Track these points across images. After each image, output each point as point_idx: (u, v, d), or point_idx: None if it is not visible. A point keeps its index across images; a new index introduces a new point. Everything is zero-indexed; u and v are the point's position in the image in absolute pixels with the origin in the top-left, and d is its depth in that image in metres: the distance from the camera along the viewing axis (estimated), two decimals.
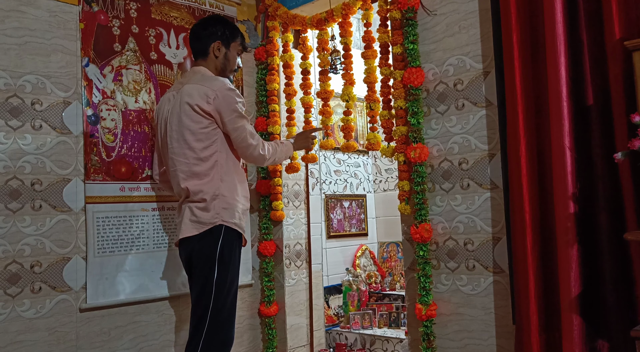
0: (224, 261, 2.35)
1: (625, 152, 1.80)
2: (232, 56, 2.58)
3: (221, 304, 2.34)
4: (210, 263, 2.34)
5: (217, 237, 2.35)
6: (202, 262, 2.36)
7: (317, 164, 3.63)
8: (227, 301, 2.37)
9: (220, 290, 2.34)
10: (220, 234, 2.36)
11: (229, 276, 2.37)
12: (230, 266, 2.38)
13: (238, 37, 2.60)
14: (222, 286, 2.34)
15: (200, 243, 2.36)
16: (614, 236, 1.99)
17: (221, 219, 2.36)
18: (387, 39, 2.76)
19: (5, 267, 2.34)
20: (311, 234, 3.52)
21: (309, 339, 3.46)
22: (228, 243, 2.38)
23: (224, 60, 2.56)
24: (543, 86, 2.16)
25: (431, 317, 2.53)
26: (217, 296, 2.33)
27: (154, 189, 2.82)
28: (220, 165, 2.41)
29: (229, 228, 2.38)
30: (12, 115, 2.41)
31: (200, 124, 2.38)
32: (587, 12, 2.09)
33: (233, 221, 2.39)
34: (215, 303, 2.32)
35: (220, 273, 2.34)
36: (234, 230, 2.40)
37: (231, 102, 2.40)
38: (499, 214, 2.40)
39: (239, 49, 2.61)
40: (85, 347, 2.54)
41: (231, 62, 2.59)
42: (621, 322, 1.97)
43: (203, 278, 2.35)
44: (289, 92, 3.28)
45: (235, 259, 2.43)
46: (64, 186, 2.53)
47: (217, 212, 2.36)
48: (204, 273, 2.35)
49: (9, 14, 2.43)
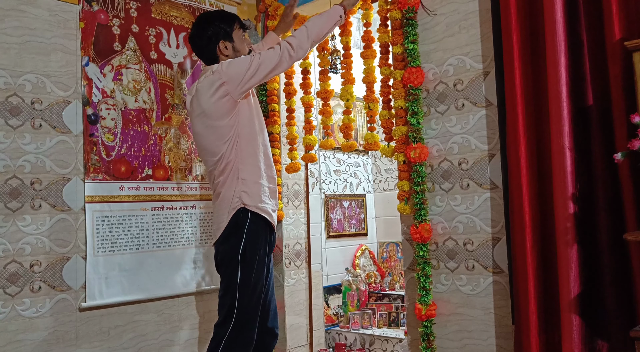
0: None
1: (625, 153, 1.80)
2: (239, 44, 2.51)
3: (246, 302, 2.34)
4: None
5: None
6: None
7: (317, 163, 3.63)
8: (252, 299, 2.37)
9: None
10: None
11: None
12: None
13: (234, 23, 2.51)
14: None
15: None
16: (614, 236, 1.99)
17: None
18: (387, 38, 2.75)
19: (4, 266, 2.34)
20: (311, 233, 3.52)
21: (308, 338, 3.46)
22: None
23: (234, 53, 2.50)
24: (543, 86, 2.16)
25: (431, 317, 2.53)
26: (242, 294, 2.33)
27: (154, 188, 2.82)
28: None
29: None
30: (11, 115, 2.41)
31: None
32: (587, 13, 2.09)
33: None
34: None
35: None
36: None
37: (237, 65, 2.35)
38: (499, 214, 2.40)
39: (242, 34, 2.54)
40: (85, 346, 2.54)
41: (241, 49, 2.52)
42: (620, 323, 1.97)
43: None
44: (288, 92, 3.28)
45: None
46: (63, 185, 2.53)
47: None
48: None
49: (9, 13, 2.43)
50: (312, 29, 2.40)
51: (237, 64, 2.36)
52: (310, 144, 3.16)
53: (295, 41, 2.39)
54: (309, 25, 2.40)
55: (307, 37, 2.39)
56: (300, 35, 2.39)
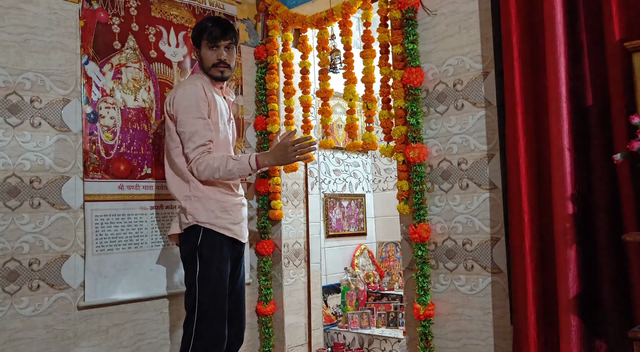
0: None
1: (624, 154, 1.80)
2: (203, 54, 2.54)
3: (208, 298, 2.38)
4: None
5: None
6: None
7: (317, 163, 3.63)
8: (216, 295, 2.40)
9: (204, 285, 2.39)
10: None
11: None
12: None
13: (203, 33, 2.53)
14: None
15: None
16: (613, 236, 1.99)
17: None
18: (387, 38, 2.76)
19: (3, 265, 2.34)
20: (310, 233, 3.52)
21: (307, 338, 3.46)
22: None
23: (200, 61, 2.59)
24: (542, 87, 2.17)
25: (429, 317, 2.53)
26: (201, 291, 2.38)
27: (153, 187, 2.82)
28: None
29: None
30: (11, 113, 2.40)
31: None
32: (587, 13, 2.09)
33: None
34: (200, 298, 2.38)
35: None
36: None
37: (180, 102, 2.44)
38: (498, 215, 2.40)
39: (208, 44, 2.53)
40: (83, 344, 2.54)
41: (205, 60, 2.55)
42: (619, 323, 1.97)
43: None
44: (288, 91, 3.28)
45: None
46: (62, 183, 2.53)
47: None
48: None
49: (9, 11, 2.43)
50: (226, 170, 2.36)
51: (185, 110, 2.41)
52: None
53: (209, 170, 2.35)
54: (229, 166, 2.35)
55: (217, 172, 2.36)
56: (215, 168, 2.35)
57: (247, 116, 3.34)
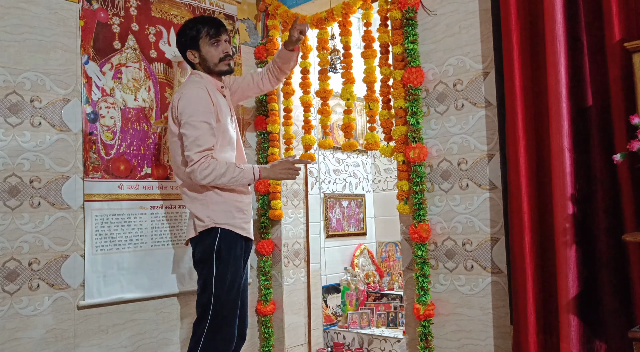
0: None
1: (624, 154, 1.80)
2: (205, 53, 2.52)
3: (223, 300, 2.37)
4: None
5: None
6: None
7: (316, 163, 3.63)
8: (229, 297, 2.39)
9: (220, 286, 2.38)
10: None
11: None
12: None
13: (201, 31, 2.51)
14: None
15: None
16: (613, 237, 1.99)
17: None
18: (387, 38, 2.75)
19: (3, 264, 2.34)
20: (310, 233, 3.52)
21: (306, 338, 3.46)
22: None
23: (202, 62, 2.55)
24: (542, 87, 2.16)
25: (429, 317, 2.53)
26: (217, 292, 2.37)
27: (153, 187, 2.81)
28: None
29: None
30: (11, 112, 2.40)
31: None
32: (587, 13, 2.09)
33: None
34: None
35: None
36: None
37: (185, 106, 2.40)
38: (498, 215, 2.40)
39: (210, 41, 2.52)
40: (83, 344, 2.54)
41: (209, 58, 2.53)
42: (619, 323, 1.97)
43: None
44: (287, 91, 3.28)
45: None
46: (62, 183, 2.53)
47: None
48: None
49: (9, 10, 2.43)
50: (231, 177, 2.37)
51: (191, 113, 2.37)
52: (308, 143, 3.17)
53: (214, 174, 2.34)
54: (234, 174, 2.37)
55: (222, 178, 2.35)
56: (220, 174, 2.35)
57: (247, 116, 3.34)
